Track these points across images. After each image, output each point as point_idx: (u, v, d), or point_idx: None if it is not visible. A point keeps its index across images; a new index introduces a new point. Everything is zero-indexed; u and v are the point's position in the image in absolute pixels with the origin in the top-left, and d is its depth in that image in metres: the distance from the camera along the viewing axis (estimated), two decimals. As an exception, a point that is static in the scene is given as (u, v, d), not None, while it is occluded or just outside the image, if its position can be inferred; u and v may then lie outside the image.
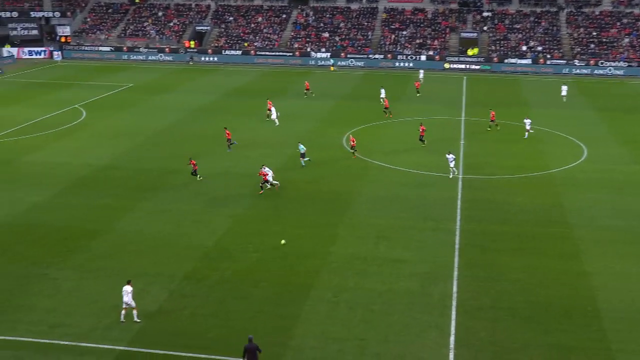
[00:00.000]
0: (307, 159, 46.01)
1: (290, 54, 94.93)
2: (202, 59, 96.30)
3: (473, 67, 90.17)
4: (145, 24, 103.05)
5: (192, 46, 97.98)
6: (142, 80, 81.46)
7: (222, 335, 25.94)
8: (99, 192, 41.60)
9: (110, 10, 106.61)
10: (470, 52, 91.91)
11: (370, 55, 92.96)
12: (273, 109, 58.69)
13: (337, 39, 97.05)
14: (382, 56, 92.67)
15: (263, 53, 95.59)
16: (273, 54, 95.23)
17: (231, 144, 50.46)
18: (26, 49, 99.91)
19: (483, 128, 56.73)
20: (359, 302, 28.45)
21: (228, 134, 50.63)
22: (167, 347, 25.16)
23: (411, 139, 52.63)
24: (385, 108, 61.40)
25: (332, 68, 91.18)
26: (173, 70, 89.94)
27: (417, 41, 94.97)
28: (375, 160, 48.04)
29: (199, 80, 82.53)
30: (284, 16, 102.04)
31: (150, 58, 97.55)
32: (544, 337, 26.05)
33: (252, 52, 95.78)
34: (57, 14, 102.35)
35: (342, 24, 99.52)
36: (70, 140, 53.46)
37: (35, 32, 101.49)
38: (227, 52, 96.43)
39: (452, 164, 43.84)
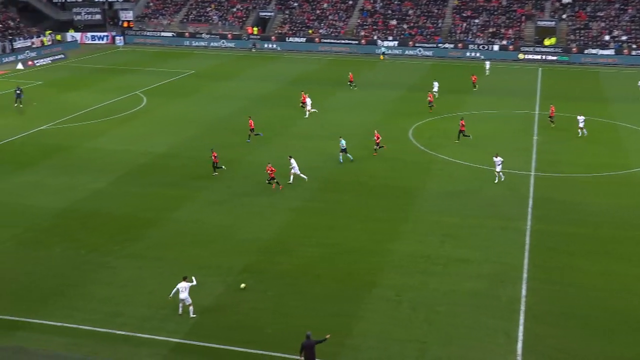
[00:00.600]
0: (349, 156, 45.25)
1: (356, 42, 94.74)
2: (265, 46, 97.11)
3: (549, 57, 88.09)
4: (208, 9, 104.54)
5: (255, 32, 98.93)
6: (203, 67, 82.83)
7: (279, 331, 26.19)
8: (158, 180, 42.54)
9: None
10: (547, 41, 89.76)
11: (440, 45, 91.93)
12: (308, 100, 58.56)
13: (405, 26, 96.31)
14: (452, 45, 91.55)
15: (328, 41, 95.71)
16: (338, 41, 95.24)
17: (255, 134, 50.58)
18: (89, 34, 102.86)
19: (558, 123, 55.32)
20: (422, 302, 28.28)
21: (251, 123, 50.90)
22: (223, 341, 25.56)
23: (479, 133, 51.90)
24: (430, 102, 59.97)
25: (382, 57, 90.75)
26: (235, 57, 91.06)
27: (490, 30, 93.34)
28: (441, 154, 47.55)
29: (261, 67, 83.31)
30: (351, 2, 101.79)
31: (212, 44, 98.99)
32: (622, 350, 25.24)
33: (316, 39, 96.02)
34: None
35: (410, 11, 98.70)
36: (131, 127, 54.85)
37: (98, 16, 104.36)
38: (291, 39, 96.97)
39: (498, 169, 41.59)
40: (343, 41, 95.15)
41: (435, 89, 64.80)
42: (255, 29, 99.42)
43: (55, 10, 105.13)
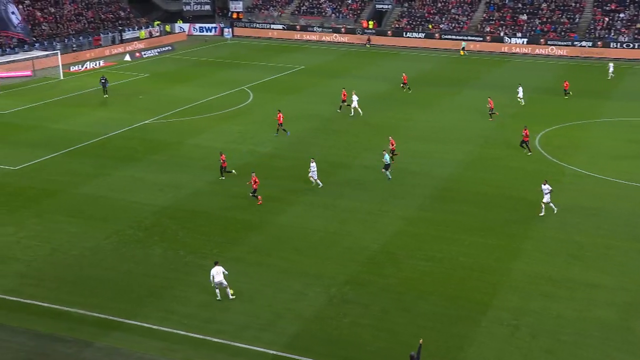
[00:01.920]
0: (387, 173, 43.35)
1: (481, 38, 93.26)
2: (381, 41, 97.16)
3: None
4: (321, 0, 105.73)
5: (371, 27, 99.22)
6: (314, 63, 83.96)
7: (381, 349, 26.12)
8: (261, 181, 43.30)
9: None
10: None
11: (576, 42, 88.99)
12: (355, 97, 58.05)
13: (536, 22, 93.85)
14: (590, 43, 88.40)
15: (449, 37, 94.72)
16: (460, 38, 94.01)
17: (281, 129, 51.78)
18: (197, 25, 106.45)
19: None
20: (543, 328, 27.47)
21: (280, 117, 51.74)
22: (324, 356, 25.73)
23: (618, 144, 49.90)
24: (490, 109, 57.26)
25: (462, 52, 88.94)
26: (348, 53, 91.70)
27: (638, 25, 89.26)
28: (572, 165, 46.05)
29: (375, 65, 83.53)
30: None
31: (324, 38, 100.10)
32: None
33: (436, 35, 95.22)
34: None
35: (544, 5, 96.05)
36: (236, 124, 56.29)
37: (207, 7, 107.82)
38: (409, 34, 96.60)
39: (546, 198, 37.91)
40: (466, 37, 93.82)
41: (520, 94, 62.46)
42: (370, 22, 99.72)
43: (165, 1, 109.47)
